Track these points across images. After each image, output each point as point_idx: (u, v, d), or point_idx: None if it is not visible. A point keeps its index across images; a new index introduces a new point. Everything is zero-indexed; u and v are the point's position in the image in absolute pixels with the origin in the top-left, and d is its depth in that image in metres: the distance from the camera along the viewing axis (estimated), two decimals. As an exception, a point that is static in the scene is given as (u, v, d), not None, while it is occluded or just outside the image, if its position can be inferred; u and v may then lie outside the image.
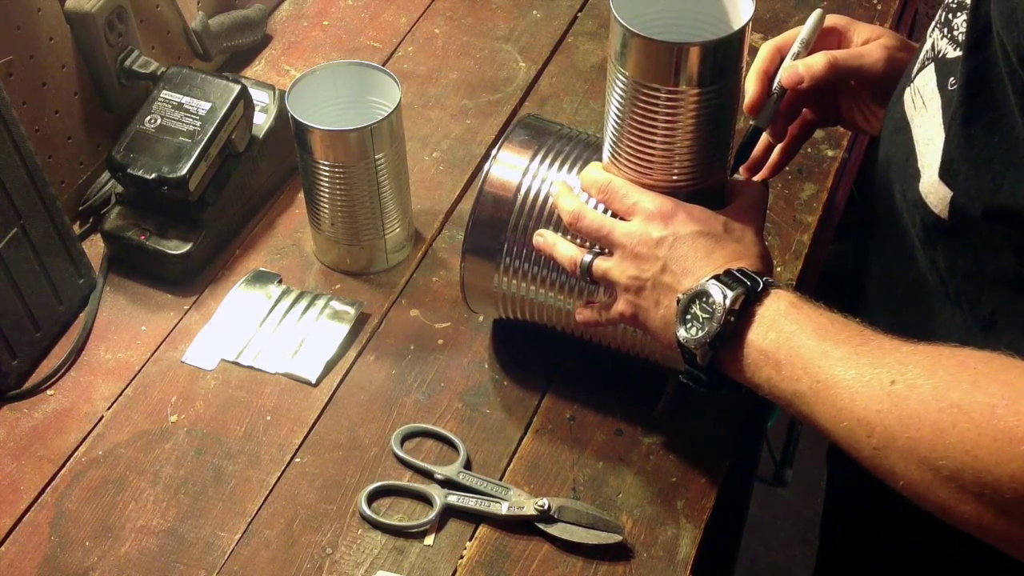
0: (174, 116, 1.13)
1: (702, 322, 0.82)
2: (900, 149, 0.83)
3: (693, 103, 0.85)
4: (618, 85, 0.86)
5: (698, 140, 0.87)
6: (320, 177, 1.09)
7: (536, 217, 0.96)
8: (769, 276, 0.84)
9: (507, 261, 0.98)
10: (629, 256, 0.87)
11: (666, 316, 0.86)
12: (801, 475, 2.13)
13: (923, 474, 0.68)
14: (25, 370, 1.07)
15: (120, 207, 1.16)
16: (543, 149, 0.99)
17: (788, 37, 0.97)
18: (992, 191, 0.71)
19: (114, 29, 1.18)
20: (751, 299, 0.81)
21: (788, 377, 0.77)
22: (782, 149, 1.02)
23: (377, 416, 1.04)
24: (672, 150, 0.87)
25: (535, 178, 0.97)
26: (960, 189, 0.74)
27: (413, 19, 1.46)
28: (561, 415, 1.04)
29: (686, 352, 0.84)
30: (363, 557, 0.94)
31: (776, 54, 0.96)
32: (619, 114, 0.88)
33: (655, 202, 0.88)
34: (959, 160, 0.74)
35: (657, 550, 0.94)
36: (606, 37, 1.38)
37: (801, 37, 0.95)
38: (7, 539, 0.95)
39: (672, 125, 0.86)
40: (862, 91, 0.98)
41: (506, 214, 0.97)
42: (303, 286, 1.15)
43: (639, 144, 0.88)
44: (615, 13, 0.83)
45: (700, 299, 0.82)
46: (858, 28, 0.98)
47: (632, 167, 0.90)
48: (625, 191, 0.89)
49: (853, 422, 0.72)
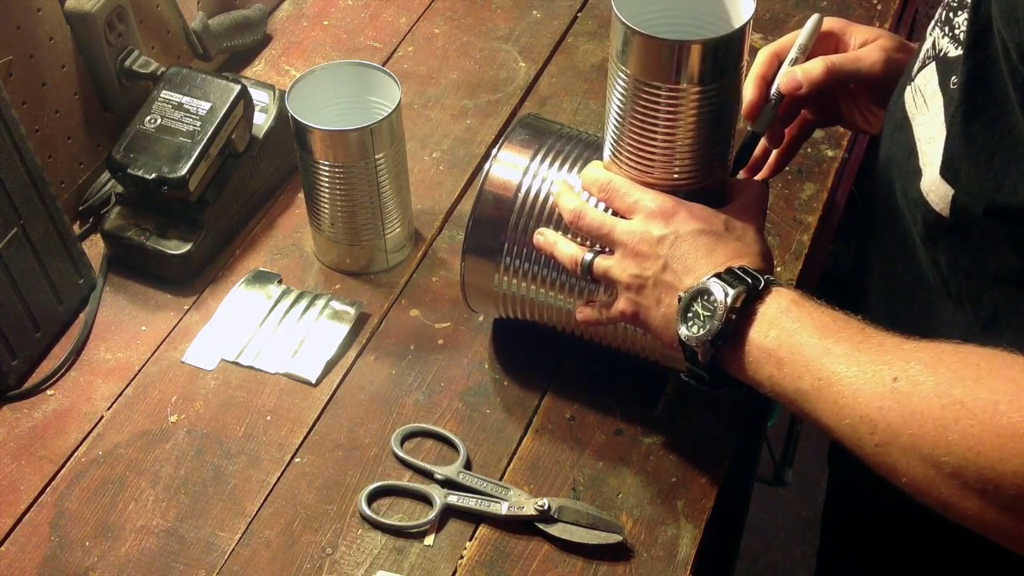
0: (174, 116, 1.13)
1: (703, 320, 0.82)
2: (901, 148, 0.83)
3: (694, 101, 0.85)
4: (619, 83, 0.86)
5: (699, 138, 0.87)
6: (320, 177, 1.09)
7: (536, 216, 0.96)
8: (770, 274, 0.84)
9: (507, 260, 0.98)
10: (630, 254, 0.87)
11: (667, 314, 0.86)
12: (801, 475, 2.13)
13: (926, 471, 0.68)
14: (25, 370, 1.07)
15: (120, 207, 1.16)
16: (543, 148, 0.99)
17: (785, 42, 0.97)
18: (993, 189, 0.71)
19: (114, 29, 1.18)
20: (752, 297, 0.81)
21: (790, 375, 0.77)
22: (781, 150, 1.03)
23: (377, 416, 1.04)
24: (673, 148, 0.87)
25: (535, 177, 0.97)
26: (961, 187, 0.74)
27: (413, 19, 1.46)
28: (561, 415, 1.03)
29: (687, 350, 0.84)
30: (363, 557, 0.94)
31: (774, 59, 0.96)
32: (620, 112, 0.88)
33: (656, 200, 0.88)
34: (960, 158, 0.74)
35: (657, 550, 0.94)
36: (606, 37, 1.39)
37: (799, 42, 0.95)
38: (7, 539, 0.95)
39: (673, 123, 0.86)
40: (861, 93, 0.98)
41: (506, 213, 0.97)
42: (303, 286, 1.15)
43: (640, 142, 0.88)
44: (616, 11, 0.83)
45: (701, 297, 0.82)
46: (855, 31, 0.98)
47: (633, 165, 0.90)
48: (626, 189, 0.89)
49: (855, 419, 0.72)
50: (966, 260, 0.78)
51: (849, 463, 0.76)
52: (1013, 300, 0.75)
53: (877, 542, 0.99)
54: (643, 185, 0.89)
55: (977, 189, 0.73)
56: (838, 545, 1.13)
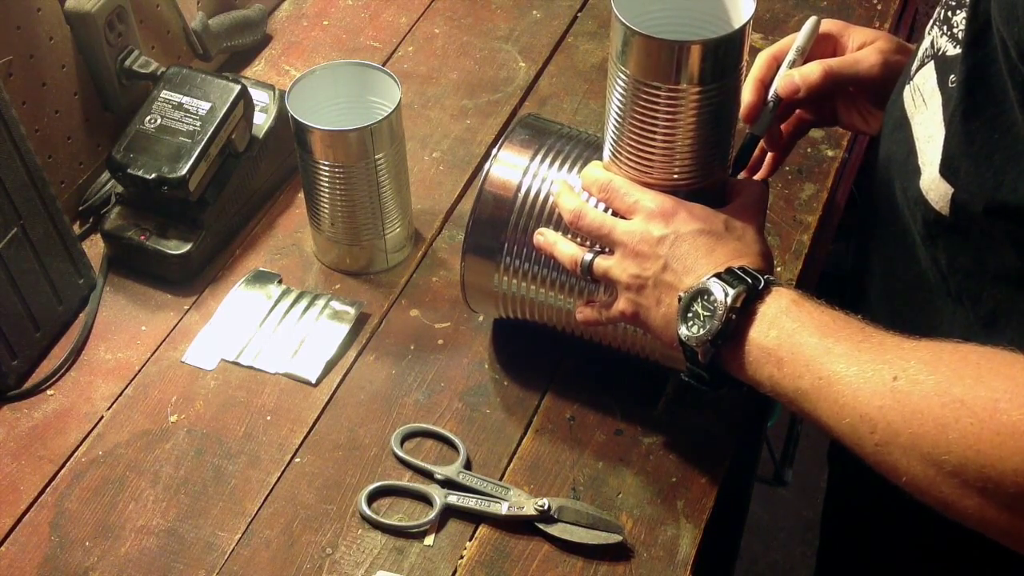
0: (174, 116, 1.13)
1: (703, 320, 0.82)
2: (900, 147, 0.83)
3: (694, 101, 0.85)
4: (619, 84, 0.86)
5: (699, 139, 0.87)
6: (320, 177, 1.09)
7: (536, 217, 0.96)
8: (770, 274, 0.84)
9: (508, 261, 0.98)
10: (630, 255, 0.87)
11: (667, 314, 0.86)
12: (801, 475, 2.13)
13: (926, 470, 0.68)
14: (25, 370, 1.07)
15: (120, 207, 1.16)
16: (543, 149, 0.99)
17: (784, 45, 0.97)
18: (993, 187, 0.71)
19: (114, 29, 1.18)
20: (752, 297, 0.81)
21: (790, 374, 0.77)
22: (777, 149, 1.03)
23: (377, 416, 1.04)
24: (673, 149, 0.87)
25: (535, 178, 0.97)
26: (961, 185, 0.74)
27: (413, 19, 1.46)
28: (561, 415, 1.03)
29: (687, 350, 0.84)
30: (363, 557, 0.94)
31: (772, 62, 0.96)
32: (620, 113, 0.88)
33: (656, 200, 0.88)
34: (960, 157, 0.74)
35: (657, 550, 0.94)
36: (606, 37, 1.39)
37: (796, 45, 0.95)
38: (7, 539, 0.95)
39: (673, 124, 0.86)
40: (860, 95, 0.98)
41: (507, 213, 0.97)
42: (303, 286, 1.15)
43: (640, 143, 0.88)
44: (616, 12, 0.83)
45: (701, 297, 0.82)
46: (853, 32, 0.98)
47: (633, 166, 0.90)
48: (626, 190, 0.89)
49: (856, 418, 0.72)
50: (966, 259, 0.78)
51: (849, 463, 0.76)
52: (1013, 298, 0.75)
53: (877, 542, 0.99)
54: (643, 185, 0.89)
55: (977, 187, 0.73)
56: (838, 545, 1.13)
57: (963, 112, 0.73)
